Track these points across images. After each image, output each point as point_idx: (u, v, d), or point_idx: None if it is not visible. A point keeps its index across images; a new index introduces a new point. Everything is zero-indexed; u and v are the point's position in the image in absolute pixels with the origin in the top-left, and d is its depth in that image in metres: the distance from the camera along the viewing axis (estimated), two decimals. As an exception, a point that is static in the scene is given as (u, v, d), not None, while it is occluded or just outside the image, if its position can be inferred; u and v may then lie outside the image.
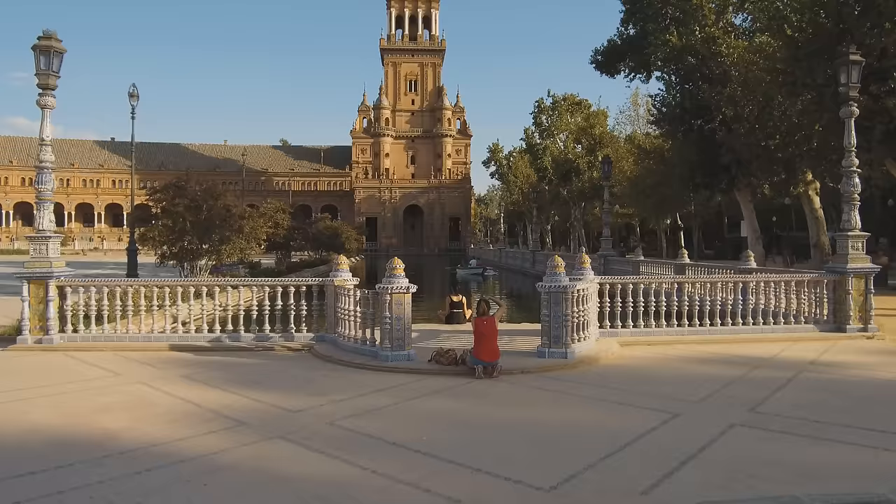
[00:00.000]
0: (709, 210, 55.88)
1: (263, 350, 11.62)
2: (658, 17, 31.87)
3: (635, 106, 64.17)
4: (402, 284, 10.05)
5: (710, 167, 30.77)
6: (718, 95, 28.81)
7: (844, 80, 13.62)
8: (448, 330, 13.47)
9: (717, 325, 12.71)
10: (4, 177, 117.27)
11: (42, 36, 11.86)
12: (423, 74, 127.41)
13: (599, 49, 35.57)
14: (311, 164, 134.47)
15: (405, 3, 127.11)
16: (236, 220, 25.69)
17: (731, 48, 28.81)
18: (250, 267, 32.90)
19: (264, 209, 38.88)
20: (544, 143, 68.64)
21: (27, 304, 11.77)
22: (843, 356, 11.15)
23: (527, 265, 54.89)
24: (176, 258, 25.26)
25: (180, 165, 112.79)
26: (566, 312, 10.28)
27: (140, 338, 12.05)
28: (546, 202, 71.09)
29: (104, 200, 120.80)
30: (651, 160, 45.75)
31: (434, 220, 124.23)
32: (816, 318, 13.34)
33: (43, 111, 12.00)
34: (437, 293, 34.35)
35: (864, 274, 13.19)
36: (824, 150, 24.38)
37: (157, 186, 28.40)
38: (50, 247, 12.00)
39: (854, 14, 19.63)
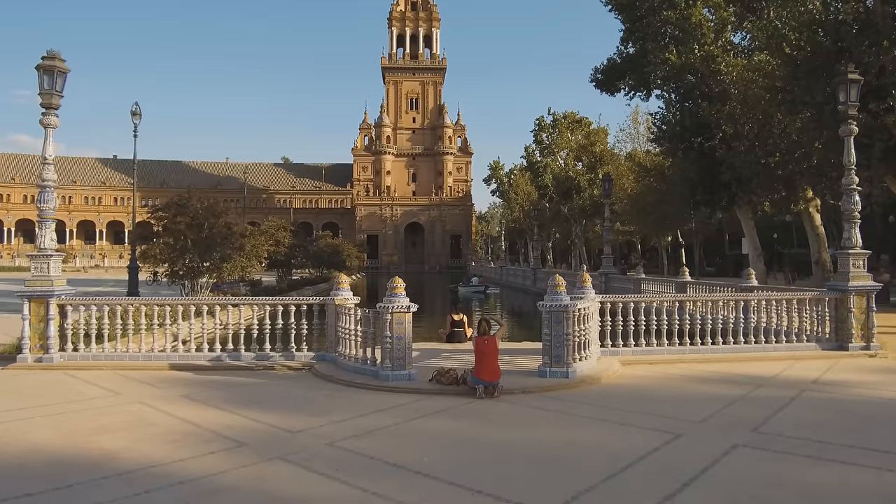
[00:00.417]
0: (710, 227, 55.91)
1: (264, 369, 11.58)
2: (657, 36, 32.06)
3: (635, 124, 64.43)
4: (402, 304, 10.04)
5: (710, 185, 30.82)
6: (718, 113, 28.93)
7: (843, 98, 13.68)
8: (449, 349, 13.44)
9: (719, 344, 12.67)
10: (6, 194, 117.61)
11: (46, 56, 11.95)
12: (424, 92, 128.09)
13: (599, 67, 35.72)
14: (313, 182, 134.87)
15: (406, 23, 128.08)
16: (237, 238, 25.69)
17: (730, 66, 28.97)
18: (251, 285, 32.90)
19: (265, 227, 38.96)
20: (545, 160, 68.80)
21: (28, 322, 11.76)
22: (846, 375, 11.10)
23: (528, 283, 54.81)
24: (177, 276, 25.24)
25: (182, 183, 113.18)
26: (567, 332, 10.26)
27: (140, 356, 12.02)
28: (547, 219, 71.12)
29: (106, 218, 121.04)
30: (651, 178, 45.86)
31: (435, 237, 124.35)
32: (818, 337, 13.30)
33: (46, 130, 12.06)
34: (438, 311, 34.28)
35: (866, 292, 13.18)
36: (824, 168, 24.43)
37: (158, 204, 28.45)
38: (51, 265, 12.00)
39: (852, 33, 19.75)
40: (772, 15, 26.46)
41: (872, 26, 19.29)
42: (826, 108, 19.93)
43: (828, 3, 21.31)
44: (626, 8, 33.15)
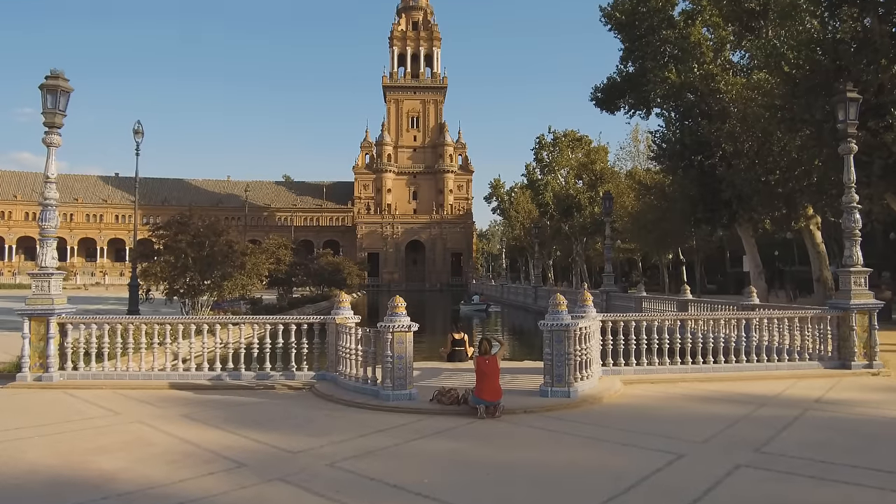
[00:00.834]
0: (710, 245, 55.90)
1: (264, 389, 11.53)
2: (657, 55, 32.32)
3: (635, 142, 64.53)
4: (403, 323, 10.01)
5: (710, 202, 30.89)
6: (718, 131, 29.05)
7: (842, 117, 13.74)
8: (450, 368, 13.39)
9: (721, 363, 12.62)
10: (8, 211, 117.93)
11: (49, 75, 12.03)
12: (424, 111, 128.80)
13: (599, 86, 35.97)
14: (314, 200, 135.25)
15: (407, 42, 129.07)
16: (238, 257, 25.69)
17: (729, 85, 29.13)
18: (252, 303, 32.84)
19: (266, 245, 39.00)
20: (545, 178, 69.01)
21: (28, 341, 11.74)
22: (849, 394, 11.04)
23: (529, 301, 54.74)
24: (178, 294, 25.22)
25: (183, 201, 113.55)
26: (568, 351, 10.23)
27: (140, 375, 11.98)
28: (548, 237, 71.19)
29: (107, 235, 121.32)
30: (652, 196, 45.91)
31: (436, 255, 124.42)
32: (821, 355, 13.25)
33: (49, 149, 12.11)
34: (439, 330, 34.19)
35: (868, 310, 13.15)
36: (824, 185, 24.48)
37: (160, 222, 28.45)
38: (52, 284, 12.00)
39: (850, 51, 19.87)
40: (770, 34, 26.66)
41: (870, 45, 19.41)
42: (825, 126, 20.01)
43: (826, 22, 21.47)
44: (626, 27, 33.46)
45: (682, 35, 31.55)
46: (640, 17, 32.69)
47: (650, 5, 32.28)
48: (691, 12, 32.21)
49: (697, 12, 31.87)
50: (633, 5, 32.99)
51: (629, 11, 33.06)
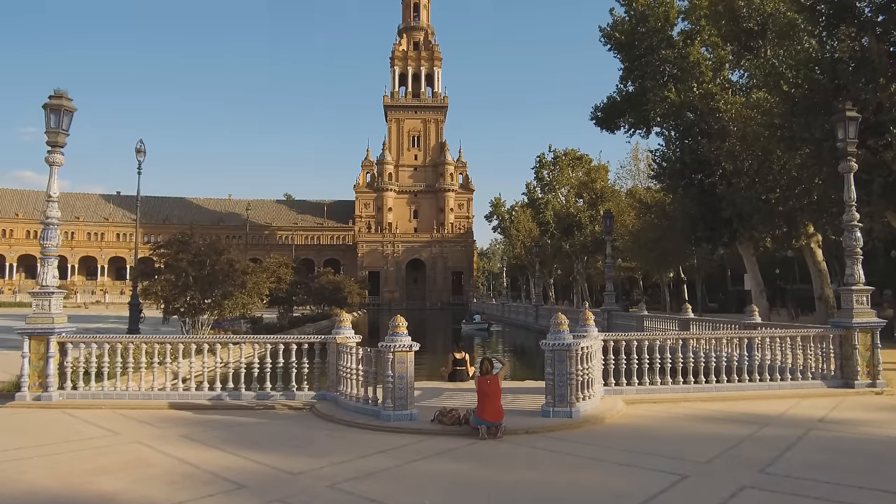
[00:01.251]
0: (712, 263, 55.87)
1: (264, 409, 11.46)
2: (656, 75, 32.50)
3: (636, 161, 64.77)
4: (404, 343, 9.98)
5: (711, 221, 30.92)
6: (718, 150, 29.16)
7: (842, 135, 13.78)
8: (451, 388, 13.32)
9: (724, 382, 12.55)
10: (10, 229, 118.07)
11: (53, 95, 12.10)
12: (425, 130, 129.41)
13: (599, 105, 36.12)
14: (315, 219, 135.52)
15: (408, 62, 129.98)
16: (239, 276, 25.69)
17: (728, 104, 29.29)
18: (252, 322, 32.78)
19: (267, 264, 38.96)
20: (546, 197, 69.10)
21: (27, 360, 11.70)
22: (853, 413, 10.98)
23: (530, 320, 54.62)
24: (178, 313, 25.19)
25: (185, 219, 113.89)
26: (570, 371, 10.18)
27: (139, 395, 11.91)
28: (548, 256, 71.14)
29: (108, 254, 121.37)
30: (652, 214, 45.99)
31: (437, 273, 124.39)
32: (824, 374, 13.18)
33: (51, 168, 12.16)
34: (440, 349, 34.07)
35: (870, 328, 13.10)
36: (825, 203, 24.52)
37: (161, 240, 28.48)
38: (52, 303, 11.98)
39: (848, 70, 19.99)
40: (769, 53, 26.87)
41: (868, 64, 19.54)
42: (825, 145, 20.08)
43: (824, 41, 21.63)
44: (625, 47, 33.68)
45: (682, 55, 31.77)
46: (639, 38, 32.92)
47: (649, 25, 32.52)
48: (690, 32, 32.46)
49: (696, 32, 32.11)
50: (632, 26, 33.24)
51: (628, 32, 33.30)
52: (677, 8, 32.98)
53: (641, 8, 32.97)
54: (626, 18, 33.75)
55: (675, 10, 32.91)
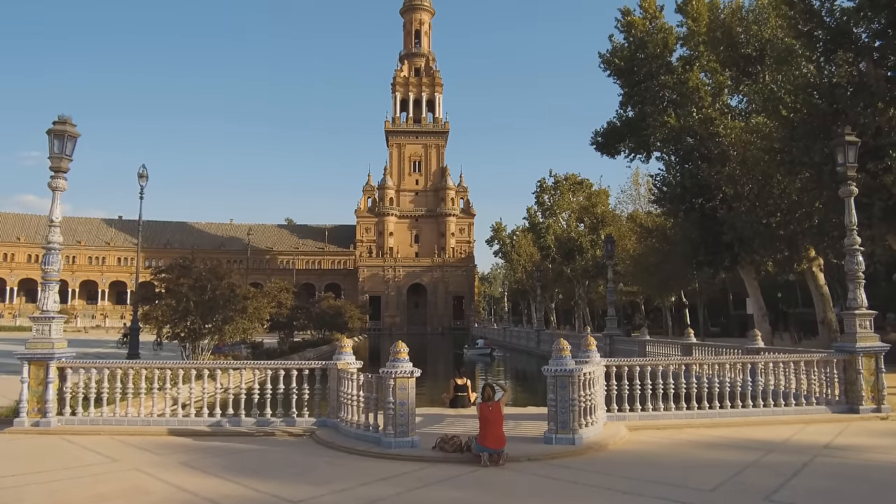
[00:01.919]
0: (713, 287, 55.79)
1: (264, 435, 11.37)
2: (656, 100, 32.74)
3: (636, 185, 64.98)
4: (405, 369, 9.92)
5: (712, 245, 30.92)
6: (718, 174, 29.25)
7: (842, 160, 13.83)
8: (452, 414, 13.22)
9: (727, 408, 12.44)
10: (11, 253, 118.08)
11: (57, 121, 12.18)
12: (426, 155, 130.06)
13: (599, 130, 36.31)
14: (316, 243, 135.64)
15: (410, 88, 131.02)
16: (240, 301, 25.62)
17: (728, 128, 29.44)
18: (252, 347, 32.67)
19: (268, 288, 38.93)
20: (547, 221, 69.25)
21: (26, 385, 11.65)
22: (858, 439, 10.88)
23: (531, 345, 54.39)
24: (178, 338, 25.10)
25: (186, 244, 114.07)
26: (573, 397, 10.10)
27: (139, 421, 11.83)
28: (550, 280, 71.08)
29: (109, 278, 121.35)
30: (653, 239, 46.03)
31: (438, 298, 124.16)
32: (828, 399, 13.09)
33: (54, 193, 12.20)
34: (441, 375, 33.85)
35: (874, 352, 13.04)
36: (825, 227, 24.53)
37: (162, 265, 28.46)
38: (53, 328, 11.95)
39: (846, 95, 20.11)
40: (767, 79, 27.07)
41: (866, 88, 19.66)
42: (825, 169, 20.14)
43: (821, 66, 21.79)
44: (625, 73, 33.98)
45: (681, 80, 32.03)
46: (638, 63, 33.22)
47: (648, 52, 32.84)
48: (689, 58, 32.76)
49: (695, 58, 32.41)
50: (631, 52, 33.56)
51: (628, 58, 33.62)
52: (676, 34, 33.34)
53: (640, 34, 33.34)
54: (625, 45, 34.10)
55: (674, 36, 33.26)
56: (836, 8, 21.09)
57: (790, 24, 22.91)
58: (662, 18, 34.07)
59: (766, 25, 28.42)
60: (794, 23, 22.43)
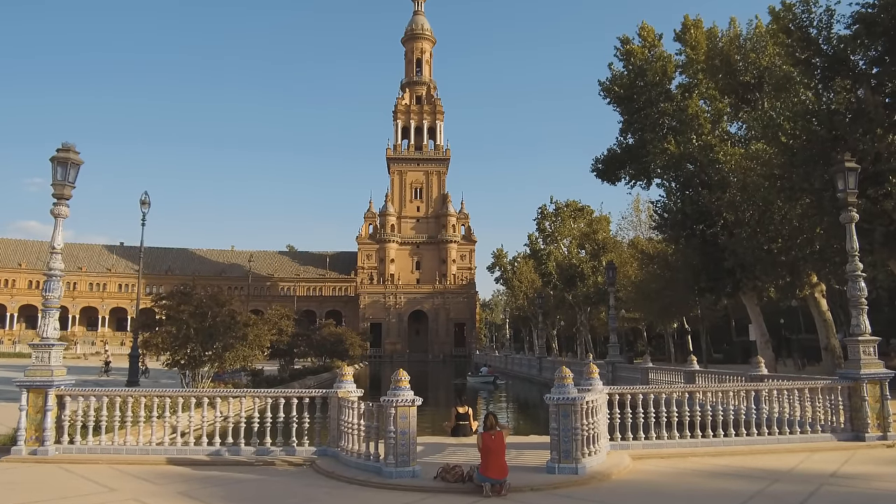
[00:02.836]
0: (716, 313, 55.62)
1: (264, 465, 11.24)
2: (655, 127, 32.98)
3: (637, 211, 65.14)
4: (407, 397, 9.84)
5: (714, 271, 30.91)
6: (718, 201, 29.34)
7: (842, 186, 13.85)
8: (454, 443, 13.08)
9: (732, 436, 12.30)
10: (12, 279, 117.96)
11: (61, 148, 12.24)
12: (428, 182, 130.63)
13: (600, 157, 36.52)
14: (317, 270, 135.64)
15: (411, 116, 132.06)
16: (241, 328, 25.55)
17: (728, 155, 29.60)
18: (253, 374, 32.51)
19: (269, 315, 38.86)
20: (548, 248, 69.31)
21: (25, 413, 11.55)
22: (865, 467, 10.75)
23: (533, 372, 54.05)
24: (179, 365, 25.01)
25: (187, 270, 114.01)
26: (576, 425, 10.00)
27: (137, 450, 11.71)
28: (551, 307, 70.90)
29: (109, 304, 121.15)
30: (655, 265, 46.00)
31: (439, 325, 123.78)
32: (833, 427, 12.96)
33: (56, 220, 12.21)
34: (443, 403, 33.55)
35: (879, 379, 12.94)
36: (827, 253, 24.55)
37: (163, 291, 28.49)
38: (52, 355, 11.88)
39: (845, 121, 20.26)
40: (766, 105, 27.28)
41: (865, 114, 19.81)
42: (825, 195, 20.21)
43: (820, 93, 21.98)
44: (625, 101, 34.28)
45: (680, 107, 32.30)
46: (638, 91, 33.52)
47: (647, 79, 33.14)
48: (688, 86, 33.06)
49: (694, 86, 32.71)
50: (630, 80, 33.88)
51: (627, 86, 33.93)
52: (674, 62, 33.70)
53: (639, 63, 33.69)
54: (624, 73, 34.45)
55: (673, 64, 33.62)
56: (833, 36, 21.37)
57: (788, 51, 23.19)
58: (661, 47, 34.47)
59: (763, 53, 28.73)
60: (791, 50, 22.71)
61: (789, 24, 22.34)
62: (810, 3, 21.87)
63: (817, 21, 21.76)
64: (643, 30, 34.76)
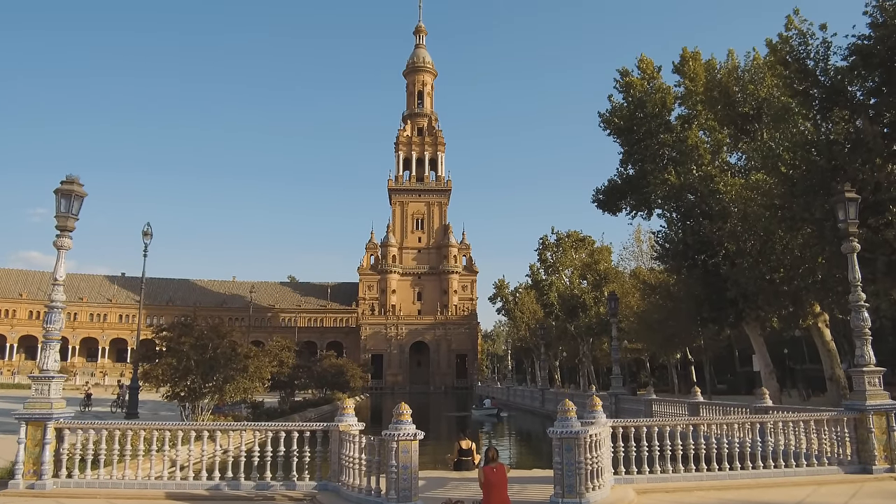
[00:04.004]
0: (719, 344, 55.33)
1: (264, 500, 11.11)
2: (656, 158, 33.14)
3: (638, 242, 65.17)
4: (408, 431, 9.74)
5: (716, 301, 30.78)
6: (719, 231, 29.35)
7: (843, 216, 13.88)
8: (456, 478, 12.93)
9: (737, 469, 12.15)
10: (13, 309, 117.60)
11: (65, 181, 12.32)
12: (429, 213, 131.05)
13: (601, 188, 36.61)
14: (318, 301, 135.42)
15: (412, 147, 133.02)
16: (241, 360, 25.39)
17: (728, 185, 29.67)
18: (253, 407, 32.25)
19: (270, 347, 38.69)
20: (550, 278, 69.23)
21: (23, 446, 11.46)
22: (873, 500, 10.62)
23: (536, 404, 53.58)
24: (179, 398, 24.81)
25: (188, 301, 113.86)
26: (579, 460, 9.88)
27: (136, 484, 11.58)
28: (553, 338, 70.53)
29: (109, 335, 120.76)
30: (657, 295, 45.88)
31: (440, 356, 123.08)
32: (840, 459, 12.81)
33: (59, 252, 12.24)
34: (445, 436, 33.19)
35: (885, 410, 12.82)
36: (830, 282, 24.46)
37: (164, 322, 28.30)
38: (52, 387, 11.82)
39: (844, 152, 20.34)
40: (765, 136, 27.42)
41: (863, 145, 19.90)
42: (826, 225, 20.22)
43: (818, 124, 22.11)
44: (624, 132, 34.49)
45: (680, 138, 32.48)
46: (637, 122, 33.74)
47: (647, 111, 33.39)
48: (687, 117, 33.29)
49: (693, 117, 32.94)
50: (630, 111, 34.13)
51: (627, 117, 34.16)
52: (674, 94, 33.97)
53: (639, 94, 33.97)
54: (624, 104, 34.71)
55: (672, 95, 33.89)
56: (830, 67, 21.57)
57: (786, 83, 23.39)
58: (660, 79, 34.78)
59: (762, 85, 28.96)
60: (789, 82, 22.90)
61: (786, 56, 22.56)
62: (807, 36, 22.10)
63: (814, 53, 21.96)
64: (642, 62, 35.12)
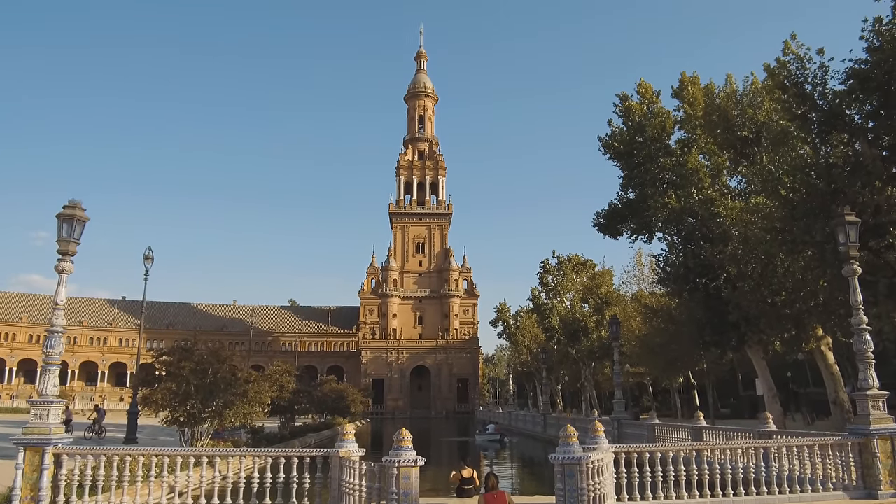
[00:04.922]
0: (722, 367, 55.04)
1: (263, 526, 10.98)
2: (656, 182, 33.28)
3: (639, 265, 65.17)
4: (409, 458, 9.67)
5: (718, 325, 30.70)
6: (720, 254, 29.36)
7: (843, 240, 13.90)
8: (457, 504, 12.80)
9: (741, 495, 12.03)
10: (12, 333, 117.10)
11: (67, 205, 12.35)
12: (430, 237, 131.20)
13: (601, 212, 36.71)
14: (319, 325, 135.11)
15: (413, 171, 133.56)
16: (241, 384, 25.29)
17: (728, 209, 29.76)
18: (253, 432, 32.04)
19: (270, 371, 38.57)
20: (551, 302, 69.11)
21: (21, 472, 11.35)
22: (879, 528, 10.46)
23: (538, 429, 53.19)
24: (178, 423, 24.67)
25: (188, 325, 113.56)
26: (581, 486, 9.79)
27: (133, 512, 11.46)
28: (555, 362, 70.18)
29: (109, 359, 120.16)
30: (659, 319, 45.73)
31: (441, 381, 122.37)
32: (845, 484, 12.68)
33: (60, 276, 12.23)
34: (446, 461, 32.81)
35: (890, 435, 12.73)
36: (832, 305, 24.42)
37: (164, 346, 28.26)
38: (51, 413, 11.73)
39: (843, 175, 20.41)
40: (765, 160, 27.54)
41: (863, 168, 19.97)
42: (827, 248, 20.22)
43: (818, 147, 22.22)
44: (624, 156, 34.68)
45: (680, 162, 32.65)
46: (637, 147, 33.93)
47: (647, 135, 33.60)
48: (687, 141, 33.49)
49: (693, 141, 33.15)
50: (630, 136, 34.34)
51: (627, 141, 34.37)
52: (673, 118, 34.22)
53: (638, 119, 34.22)
54: (623, 129, 34.95)
55: (671, 120, 34.13)
56: (828, 91, 21.74)
57: (784, 107, 23.55)
58: (659, 103, 35.05)
59: (760, 108, 29.17)
60: (787, 106, 23.06)
61: (784, 80, 22.74)
62: (804, 60, 22.29)
63: (812, 77, 22.14)
64: (641, 87, 35.42)
